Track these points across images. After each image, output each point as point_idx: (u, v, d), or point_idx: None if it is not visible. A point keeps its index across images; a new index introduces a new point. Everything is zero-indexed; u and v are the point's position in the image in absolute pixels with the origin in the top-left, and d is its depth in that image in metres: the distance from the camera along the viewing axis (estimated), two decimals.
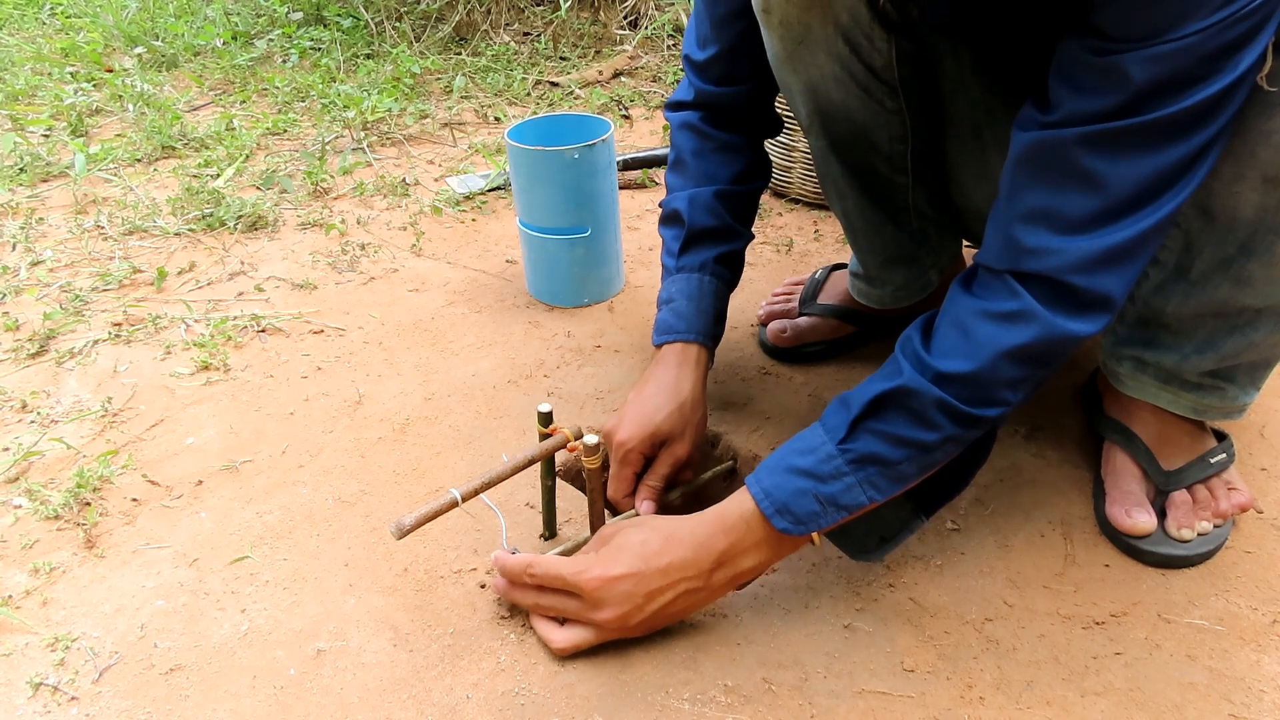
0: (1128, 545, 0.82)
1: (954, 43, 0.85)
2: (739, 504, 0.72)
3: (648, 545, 0.71)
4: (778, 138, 1.47)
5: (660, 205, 0.98)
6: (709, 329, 0.92)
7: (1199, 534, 0.81)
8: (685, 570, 0.71)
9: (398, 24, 2.25)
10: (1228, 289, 0.75)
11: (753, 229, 0.99)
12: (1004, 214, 0.68)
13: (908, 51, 0.85)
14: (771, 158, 1.50)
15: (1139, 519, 0.81)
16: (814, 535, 0.71)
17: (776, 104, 1.00)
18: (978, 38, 0.84)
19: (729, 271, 0.96)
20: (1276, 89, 0.63)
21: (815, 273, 1.17)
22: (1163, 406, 0.85)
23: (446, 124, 1.83)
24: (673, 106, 0.99)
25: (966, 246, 1.14)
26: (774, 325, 1.11)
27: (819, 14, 0.81)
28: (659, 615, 0.72)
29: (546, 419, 0.77)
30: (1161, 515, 0.83)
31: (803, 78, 0.88)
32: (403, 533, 0.68)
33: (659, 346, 0.92)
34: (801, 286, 1.16)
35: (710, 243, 0.94)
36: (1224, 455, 0.85)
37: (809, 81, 0.88)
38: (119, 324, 1.18)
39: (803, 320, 1.11)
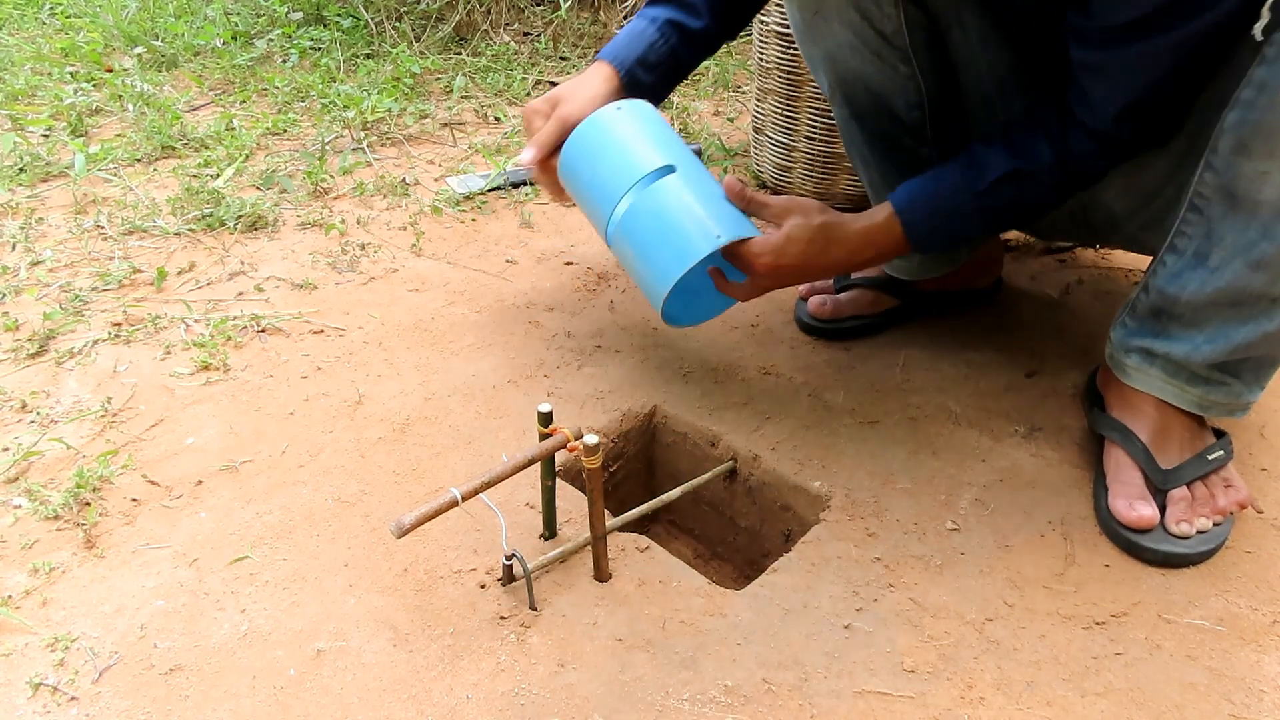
0: (1128, 543, 0.82)
1: (959, 12, 0.88)
2: (888, 226, 0.87)
3: (814, 244, 0.86)
4: (777, 138, 1.48)
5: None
6: (629, 61, 1.00)
7: (1198, 531, 0.82)
8: (838, 267, 0.89)
9: (398, 24, 2.25)
10: (1246, 275, 0.75)
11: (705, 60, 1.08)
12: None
13: (917, 17, 0.89)
14: (771, 157, 1.51)
15: (1143, 511, 0.81)
16: None
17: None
18: (984, 9, 0.87)
19: (677, 38, 1.01)
20: (1267, 40, 0.67)
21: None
22: (1168, 400, 0.85)
23: (446, 124, 1.83)
24: None
25: None
26: (814, 299, 1.13)
27: None
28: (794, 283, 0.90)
29: (546, 419, 0.77)
30: (1161, 512, 0.83)
31: (821, 48, 0.94)
32: (402, 532, 0.68)
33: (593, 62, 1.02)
34: None
35: (667, 5, 1.01)
36: (1221, 453, 0.85)
37: (827, 51, 0.94)
38: (119, 324, 1.18)
39: (842, 294, 1.14)
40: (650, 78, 1.01)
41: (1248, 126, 0.69)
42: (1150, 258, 1.31)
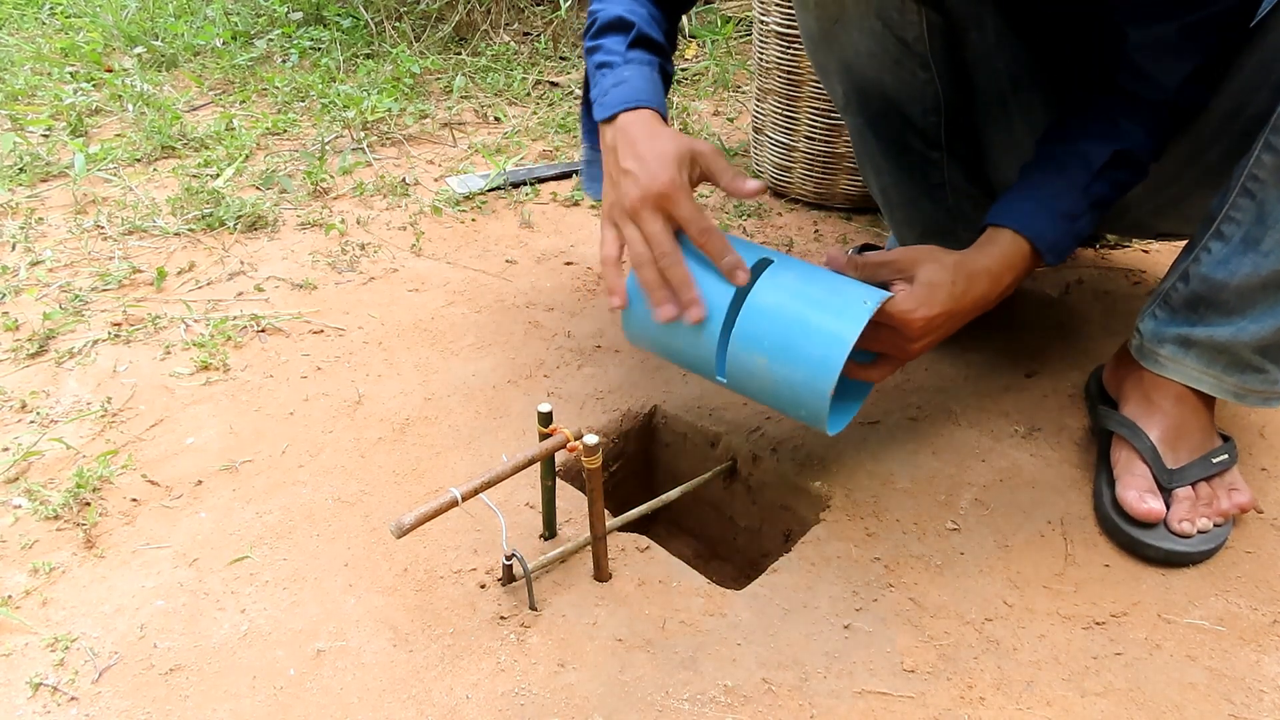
0: (1129, 540, 0.82)
1: (979, 14, 0.88)
2: (1016, 244, 0.83)
3: (956, 285, 0.80)
4: (777, 138, 1.48)
5: (589, 15, 0.92)
6: (662, 106, 0.85)
7: (1199, 531, 0.81)
8: (983, 303, 0.83)
9: (398, 24, 2.25)
10: None
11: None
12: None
13: (937, 23, 0.89)
14: (771, 157, 1.51)
15: (1152, 504, 0.81)
16: None
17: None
18: (1002, 9, 0.87)
19: (664, 81, 0.92)
20: None
21: (847, 251, 1.19)
22: (1203, 390, 0.85)
23: (446, 124, 1.83)
24: None
25: None
26: None
27: None
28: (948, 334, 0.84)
29: (546, 419, 0.77)
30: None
31: (838, 56, 0.93)
32: (402, 532, 0.68)
33: (617, 115, 0.83)
34: None
35: (653, 52, 0.90)
36: (1226, 456, 0.85)
37: (844, 60, 0.93)
38: (119, 324, 1.18)
39: None
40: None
41: None
42: (1148, 240, 1.32)
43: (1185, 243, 0.84)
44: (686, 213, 0.77)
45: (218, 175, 1.58)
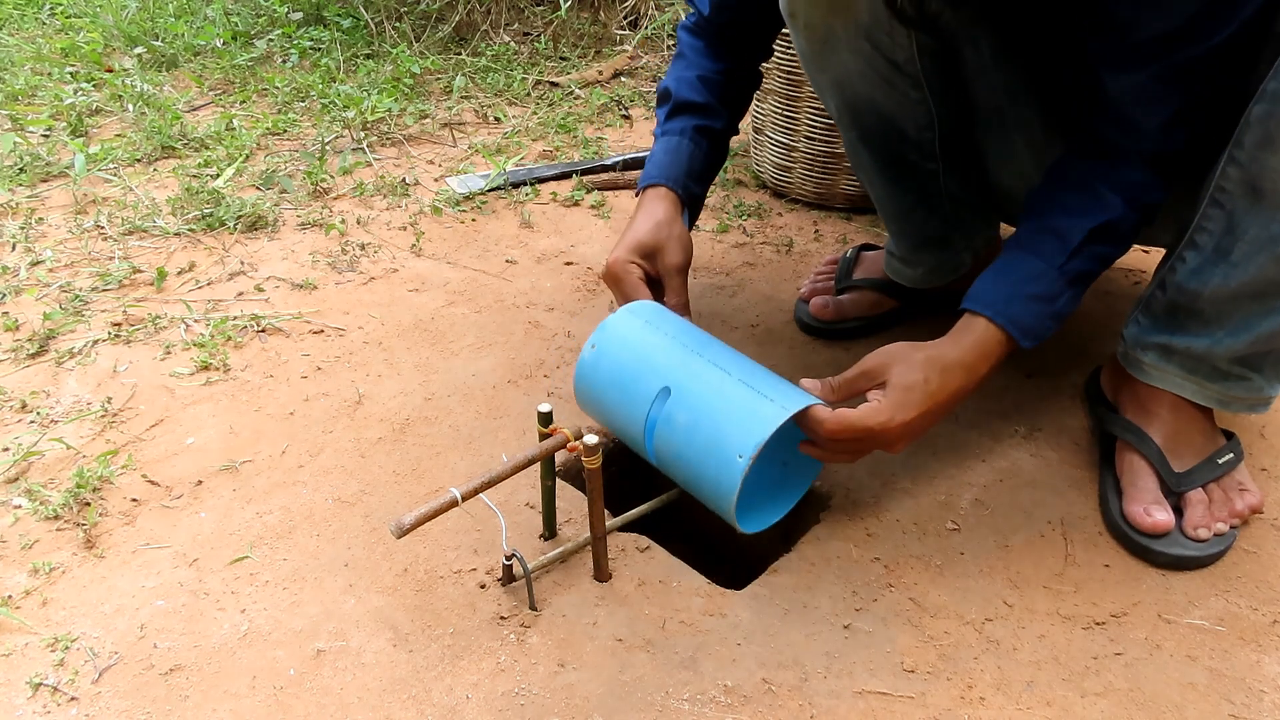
0: (1139, 546, 0.82)
1: (972, 33, 0.88)
2: (990, 332, 0.80)
3: (930, 383, 0.78)
4: (777, 138, 1.48)
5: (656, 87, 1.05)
6: (681, 178, 0.98)
7: (1215, 534, 0.81)
8: (960, 395, 0.80)
9: (398, 24, 2.25)
10: (1272, 269, 0.74)
11: (737, 125, 1.08)
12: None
13: (927, 45, 0.89)
14: (771, 157, 1.51)
15: (1159, 516, 0.81)
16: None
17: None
18: (995, 25, 0.87)
19: (707, 144, 1.01)
20: None
21: (846, 252, 1.20)
22: (1187, 397, 0.85)
23: (446, 124, 1.83)
24: (688, 17, 1.08)
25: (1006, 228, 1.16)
26: (816, 300, 1.13)
27: (840, 17, 0.86)
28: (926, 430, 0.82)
29: (546, 419, 0.77)
30: (1178, 514, 0.83)
31: (830, 75, 0.94)
32: (402, 532, 0.68)
33: (639, 195, 0.99)
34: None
35: (690, 114, 1.01)
36: (1231, 455, 0.85)
37: (835, 78, 0.94)
38: (119, 324, 1.18)
39: (844, 296, 1.14)
40: (700, 189, 1.01)
41: (1274, 120, 0.68)
42: (1142, 249, 1.32)
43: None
44: (620, 296, 0.92)
45: (218, 175, 1.58)
